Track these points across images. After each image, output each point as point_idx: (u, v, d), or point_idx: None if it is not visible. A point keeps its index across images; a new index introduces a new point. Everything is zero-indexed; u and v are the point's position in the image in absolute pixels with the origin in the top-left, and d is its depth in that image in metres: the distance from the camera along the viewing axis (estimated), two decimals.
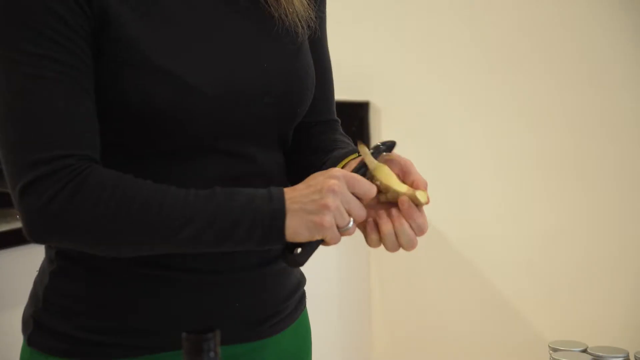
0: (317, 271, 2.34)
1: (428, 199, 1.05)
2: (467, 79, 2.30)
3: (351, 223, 0.99)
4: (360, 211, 0.99)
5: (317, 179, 0.99)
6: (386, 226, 1.01)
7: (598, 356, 1.19)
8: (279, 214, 0.98)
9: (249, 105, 1.06)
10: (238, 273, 1.09)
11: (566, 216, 2.22)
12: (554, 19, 2.19)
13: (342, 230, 0.99)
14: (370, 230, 1.02)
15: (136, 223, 0.97)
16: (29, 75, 0.98)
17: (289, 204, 0.98)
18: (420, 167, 2.70)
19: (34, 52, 0.98)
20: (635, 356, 1.19)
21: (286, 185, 1.10)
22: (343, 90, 2.47)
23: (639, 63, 2.10)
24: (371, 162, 1.03)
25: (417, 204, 1.03)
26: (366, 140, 2.45)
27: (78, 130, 0.99)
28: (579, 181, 2.20)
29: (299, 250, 1.00)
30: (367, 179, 1.02)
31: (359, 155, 1.07)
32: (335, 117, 1.23)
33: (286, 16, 1.09)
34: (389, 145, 1.06)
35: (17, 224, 1.76)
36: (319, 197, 0.97)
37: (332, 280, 2.42)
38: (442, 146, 2.35)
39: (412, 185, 1.05)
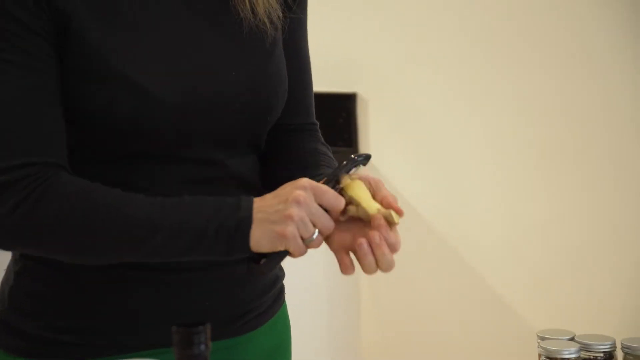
0: (305, 268, 2.35)
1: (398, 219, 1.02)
2: (456, 70, 2.31)
3: (316, 234, 0.98)
4: (327, 222, 0.98)
5: (285, 189, 0.98)
6: (366, 255, 0.99)
7: (585, 344, 1.19)
8: (244, 224, 0.97)
9: (214, 114, 1.04)
10: (207, 271, 1.07)
11: (554, 207, 2.23)
12: (546, 6, 2.19)
13: (307, 242, 0.98)
14: (346, 258, 1.00)
15: (100, 234, 0.97)
16: None
17: (255, 214, 0.97)
18: (409, 160, 2.71)
19: None
20: (622, 343, 1.20)
21: (259, 188, 1.11)
22: (330, 82, 2.47)
23: (636, 55, 2.11)
24: (343, 178, 1.01)
25: (390, 223, 1.01)
26: (353, 132, 2.45)
27: (39, 135, 0.98)
28: (570, 172, 2.21)
29: (264, 260, 0.99)
30: (338, 192, 1.00)
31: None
32: (314, 120, 1.21)
33: (254, 19, 1.07)
34: (365, 158, 1.03)
35: None
36: (283, 208, 0.96)
37: (321, 277, 2.42)
38: (430, 138, 2.36)
39: (382, 202, 1.02)
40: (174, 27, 1.04)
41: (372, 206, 1.01)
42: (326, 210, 0.98)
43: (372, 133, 2.44)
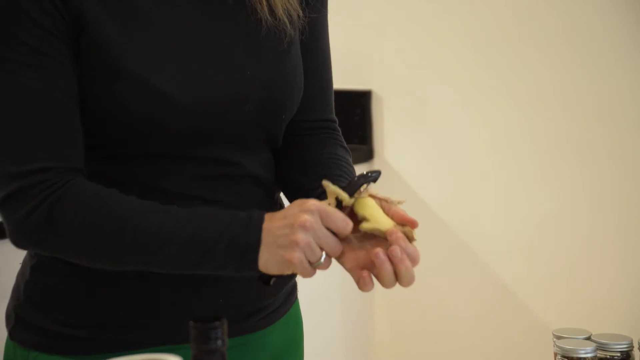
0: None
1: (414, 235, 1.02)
2: (470, 67, 2.30)
3: (323, 258, 0.97)
4: (334, 245, 0.97)
5: (292, 210, 0.97)
6: (384, 264, 0.98)
7: (602, 343, 1.19)
8: (253, 246, 0.96)
9: (227, 113, 1.04)
10: None
11: (567, 202, 2.22)
12: (553, 6, 2.18)
13: (315, 266, 0.97)
14: (363, 273, 1.00)
15: (110, 245, 0.97)
16: (3, 81, 0.97)
17: (264, 236, 0.96)
18: (423, 157, 2.70)
19: (7, 57, 0.97)
20: (639, 343, 1.19)
21: (274, 187, 1.11)
22: (344, 79, 2.47)
23: (636, 48, 2.10)
24: (344, 197, 0.99)
25: (410, 239, 1.01)
26: (368, 129, 2.44)
27: (56, 139, 0.98)
28: (580, 167, 2.20)
29: (273, 280, 0.99)
30: (348, 210, 0.99)
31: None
32: (334, 117, 1.20)
33: (271, 14, 1.06)
34: (375, 175, 1.01)
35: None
36: (290, 232, 0.95)
37: (334, 276, 2.42)
38: (444, 135, 2.35)
39: (395, 217, 1.01)
40: (190, 26, 1.03)
41: (386, 222, 1.00)
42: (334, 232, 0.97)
43: (386, 130, 2.44)
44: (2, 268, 1.16)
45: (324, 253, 0.97)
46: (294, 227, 0.95)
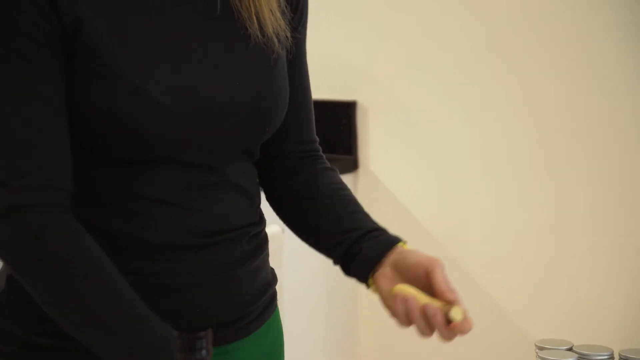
0: (303, 270, 2.35)
1: (464, 314, 1.05)
2: (456, 77, 2.31)
3: None
4: None
5: None
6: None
7: (583, 354, 1.20)
8: None
9: (214, 123, 1.05)
10: (199, 276, 1.07)
11: (552, 215, 2.24)
12: (544, 13, 2.20)
13: None
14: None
15: (58, 305, 1.00)
16: None
17: None
18: (408, 167, 2.70)
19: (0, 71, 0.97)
20: (620, 355, 1.20)
21: (255, 195, 1.13)
22: (329, 89, 2.48)
23: (633, 57, 2.12)
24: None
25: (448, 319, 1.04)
26: (353, 140, 2.45)
27: (45, 156, 0.98)
28: (569, 178, 2.21)
29: None
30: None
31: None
32: (315, 137, 1.23)
33: (261, 32, 1.08)
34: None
35: None
36: None
37: (319, 280, 2.43)
38: (430, 145, 2.36)
39: (441, 297, 1.05)
40: (181, 35, 1.04)
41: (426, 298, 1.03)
42: None
43: (372, 141, 2.45)
44: None
45: None
46: None
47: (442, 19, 2.31)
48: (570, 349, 1.21)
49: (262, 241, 1.15)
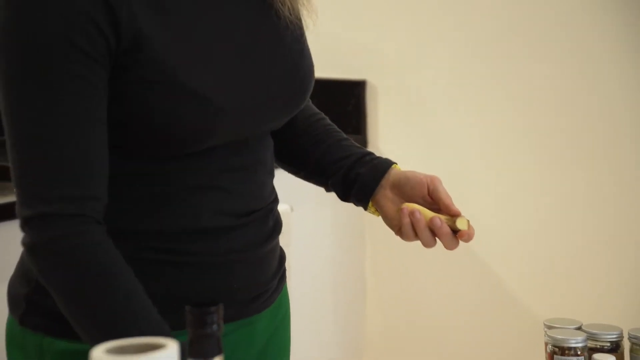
0: (311, 258, 2.36)
1: (468, 224, 1.15)
2: (467, 57, 2.30)
3: None
4: None
5: None
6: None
7: (592, 333, 1.20)
8: None
9: (263, 112, 1.10)
10: (238, 254, 1.11)
11: (560, 198, 2.23)
12: (551, 3, 2.19)
13: None
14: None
15: (72, 313, 1.01)
16: (47, 106, 0.98)
17: None
18: (417, 148, 2.70)
19: (50, 81, 0.98)
20: (629, 334, 1.20)
21: (273, 168, 1.16)
22: (339, 68, 2.47)
23: (633, 47, 2.11)
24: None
25: (455, 230, 1.13)
26: (362, 120, 2.45)
27: (88, 168, 1.01)
28: (575, 163, 2.21)
29: None
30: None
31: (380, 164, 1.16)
32: None
33: (290, 16, 1.12)
34: None
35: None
36: None
37: (327, 265, 2.43)
38: (440, 127, 2.35)
39: (446, 210, 1.15)
40: (229, 32, 1.08)
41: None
42: None
43: (381, 121, 2.44)
44: (14, 247, 1.17)
45: None
46: None
47: (455, 0, 2.30)
48: (579, 328, 1.21)
49: (279, 217, 1.20)
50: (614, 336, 1.20)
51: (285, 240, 2.18)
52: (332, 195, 1.23)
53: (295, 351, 1.31)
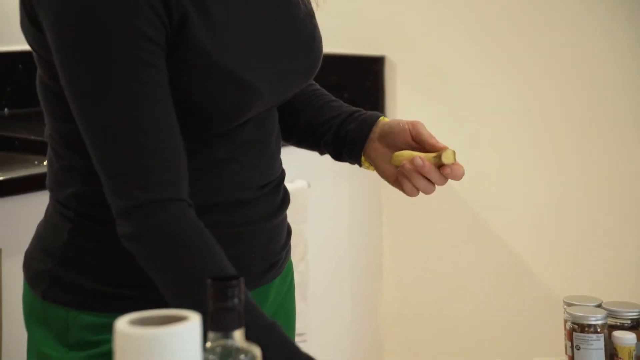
0: (328, 236, 2.36)
1: (454, 157, 1.15)
2: (488, 34, 2.28)
3: None
4: None
5: None
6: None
7: (612, 311, 1.20)
8: None
9: (287, 90, 1.14)
10: (255, 225, 1.14)
11: (580, 172, 2.22)
12: None
13: None
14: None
15: (177, 297, 1.02)
16: (126, 97, 0.99)
17: None
18: (436, 125, 2.69)
19: (128, 74, 0.99)
20: None
21: (280, 140, 1.19)
22: (357, 44, 2.46)
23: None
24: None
25: (442, 165, 1.13)
26: (381, 96, 2.44)
27: (174, 152, 1.01)
28: (591, 138, 2.19)
29: None
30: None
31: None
32: None
33: None
34: None
35: (36, 170, 1.77)
36: None
37: (344, 240, 2.43)
38: (459, 103, 2.34)
39: (432, 148, 1.15)
40: (255, 14, 1.10)
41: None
42: None
43: (399, 97, 2.43)
44: (34, 220, 1.18)
45: None
46: None
47: None
48: (599, 306, 1.21)
49: (287, 188, 1.22)
50: (635, 313, 1.19)
51: (302, 216, 2.20)
52: (349, 170, 1.24)
53: (312, 325, 1.33)
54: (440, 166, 1.12)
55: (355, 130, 1.19)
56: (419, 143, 1.16)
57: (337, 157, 1.23)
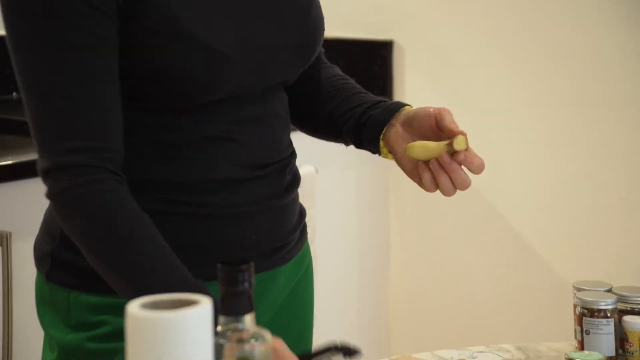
0: (336, 218, 2.36)
1: (467, 143, 1.11)
2: (498, 20, 2.27)
3: None
4: None
5: None
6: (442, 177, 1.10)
7: (623, 296, 1.19)
8: None
9: (269, 62, 1.10)
10: (255, 206, 1.12)
11: (588, 157, 2.21)
12: None
13: None
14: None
15: (101, 263, 1.03)
16: (60, 60, 1.00)
17: None
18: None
19: (59, 37, 1.00)
20: None
21: (289, 120, 1.17)
22: (364, 28, 2.45)
23: None
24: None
25: (455, 152, 1.08)
26: (389, 81, 2.43)
27: (101, 120, 1.02)
28: (602, 122, 2.18)
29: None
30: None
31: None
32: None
33: None
34: (349, 352, 0.99)
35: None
36: None
37: (352, 226, 2.43)
38: (468, 88, 2.33)
39: (450, 134, 1.10)
40: None
41: (439, 146, 1.08)
42: None
43: (408, 82, 2.42)
44: (38, 204, 1.19)
45: None
46: None
47: None
48: (609, 291, 1.21)
49: (297, 172, 1.21)
50: None
51: (309, 201, 2.19)
52: (357, 156, 1.22)
53: (319, 310, 1.32)
54: (453, 154, 1.09)
55: (378, 115, 1.16)
56: (441, 129, 1.12)
57: (358, 143, 1.20)
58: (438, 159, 1.08)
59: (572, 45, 2.20)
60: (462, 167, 1.11)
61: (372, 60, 2.42)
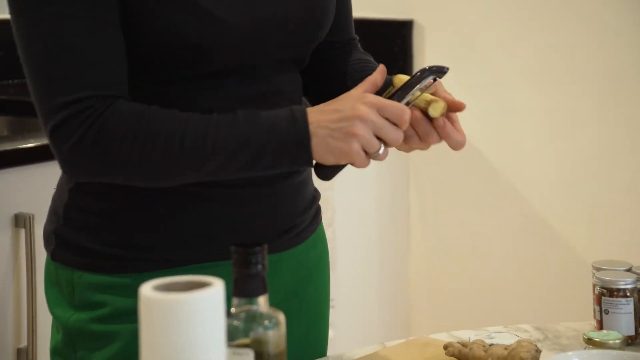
0: (355, 197, 2.36)
1: (443, 110, 1.06)
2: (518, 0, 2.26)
3: (382, 150, 0.99)
4: (395, 135, 0.99)
5: (346, 103, 0.99)
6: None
7: None
8: (303, 140, 0.99)
9: (272, 33, 1.07)
10: (257, 187, 1.10)
11: (609, 139, 2.20)
12: None
13: (373, 157, 1.00)
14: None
15: (161, 159, 1.00)
16: (49, 14, 0.99)
17: (315, 129, 0.99)
18: (465, 90, 2.68)
19: None
20: None
21: (301, 103, 1.13)
22: (384, 7, 2.44)
23: None
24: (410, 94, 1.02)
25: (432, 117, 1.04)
26: (409, 61, 2.42)
27: (100, 68, 1.00)
28: (622, 102, 2.17)
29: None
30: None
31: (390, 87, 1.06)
32: (354, 35, 1.24)
33: None
34: (438, 70, 1.02)
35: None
36: (347, 125, 0.97)
37: (371, 210, 2.43)
38: (488, 68, 2.32)
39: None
40: None
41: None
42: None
43: (428, 62, 2.41)
44: (47, 189, 1.19)
45: (382, 145, 0.99)
46: (351, 119, 0.97)
47: None
48: (629, 270, 1.20)
49: None
50: None
51: (328, 184, 2.19)
52: None
53: (339, 292, 1.34)
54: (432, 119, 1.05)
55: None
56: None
57: None
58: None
59: (595, 22, 2.17)
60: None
61: (392, 40, 2.41)
